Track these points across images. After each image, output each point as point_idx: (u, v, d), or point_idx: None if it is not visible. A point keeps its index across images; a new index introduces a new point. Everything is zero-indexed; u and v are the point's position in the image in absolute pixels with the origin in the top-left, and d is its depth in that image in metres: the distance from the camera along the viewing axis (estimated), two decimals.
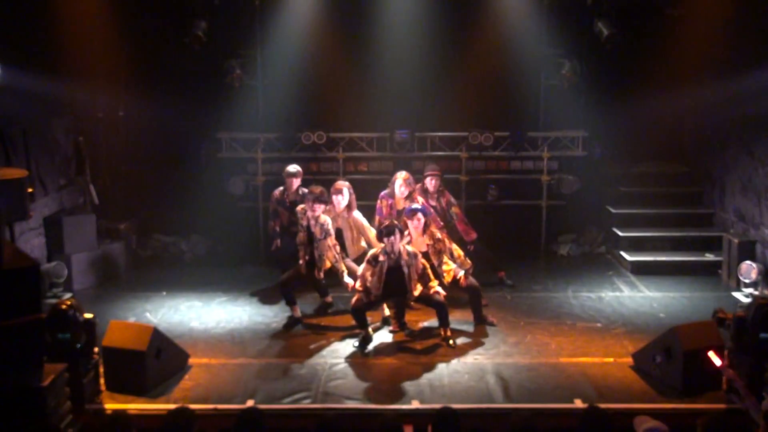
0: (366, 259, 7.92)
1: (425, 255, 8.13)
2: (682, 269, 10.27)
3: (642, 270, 10.32)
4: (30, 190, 7.88)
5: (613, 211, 11.37)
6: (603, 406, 5.66)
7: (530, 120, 11.39)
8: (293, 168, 9.39)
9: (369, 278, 7.83)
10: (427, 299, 7.98)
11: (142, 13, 11.02)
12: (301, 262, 8.43)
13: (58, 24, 10.03)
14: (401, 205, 8.93)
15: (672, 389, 6.86)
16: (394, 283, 7.80)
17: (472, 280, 8.39)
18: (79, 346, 6.49)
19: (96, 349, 6.81)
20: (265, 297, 9.43)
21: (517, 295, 9.50)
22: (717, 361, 6.38)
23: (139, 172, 11.66)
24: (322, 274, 8.44)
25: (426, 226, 8.27)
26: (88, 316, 6.69)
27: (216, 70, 11.00)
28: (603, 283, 10.02)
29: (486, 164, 11.31)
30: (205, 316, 8.85)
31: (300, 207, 8.51)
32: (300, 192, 9.22)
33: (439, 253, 8.25)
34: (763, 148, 9.71)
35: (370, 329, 7.97)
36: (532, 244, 11.27)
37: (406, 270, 7.76)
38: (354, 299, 7.93)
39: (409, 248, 7.89)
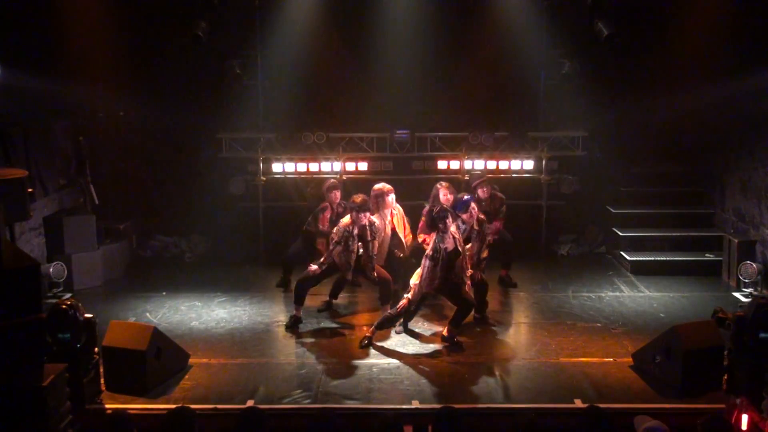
0: (428, 257, 7.66)
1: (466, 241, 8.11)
2: (682, 269, 10.29)
3: (642, 270, 10.33)
4: (30, 190, 7.89)
5: (613, 211, 11.37)
6: (603, 405, 5.66)
7: (530, 120, 11.40)
8: (333, 179, 9.30)
9: (427, 277, 7.69)
10: (456, 294, 7.85)
11: (142, 14, 11.02)
12: (348, 274, 8.36)
13: (58, 24, 10.05)
14: None
15: (672, 389, 6.87)
16: (448, 271, 7.68)
17: (483, 276, 8.41)
18: (78, 346, 6.49)
19: (96, 349, 6.81)
20: (265, 297, 9.45)
21: (517, 295, 9.51)
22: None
23: (140, 173, 11.68)
24: (375, 273, 8.32)
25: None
26: (88, 316, 6.69)
27: (216, 70, 11.02)
28: (603, 283, 10.03)
29: (486, 164, 11.31)
30: (205, 316, 8.85)
31: (344, 224, 8.21)
32: (342, 205, 9.12)
33: (484, 238, 8.29)
34: (763, 148, 9.71)
35: (375, 333, 7.98)
36: (532, 244, 11.27)
37: (460, 249, 7.72)
38: (401, 304, 7.87)
39: (453, 227, 7.77)
